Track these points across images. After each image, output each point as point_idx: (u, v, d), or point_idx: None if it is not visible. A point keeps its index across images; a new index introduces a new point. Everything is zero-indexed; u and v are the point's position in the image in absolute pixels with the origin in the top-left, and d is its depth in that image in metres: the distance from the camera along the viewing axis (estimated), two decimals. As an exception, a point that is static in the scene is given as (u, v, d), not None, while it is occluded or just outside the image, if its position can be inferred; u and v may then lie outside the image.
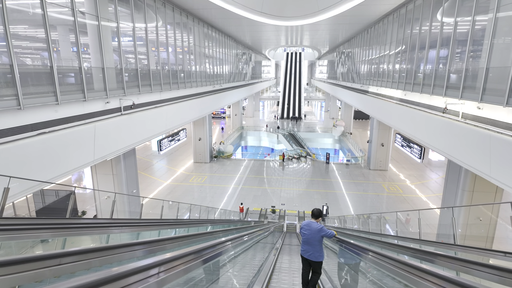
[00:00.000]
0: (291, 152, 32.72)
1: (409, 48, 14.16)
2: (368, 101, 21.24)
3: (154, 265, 1.80)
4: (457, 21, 9.94)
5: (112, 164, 12.29)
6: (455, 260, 3.14)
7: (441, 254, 3.44)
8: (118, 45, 10.26)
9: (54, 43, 7.41)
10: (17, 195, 6.67)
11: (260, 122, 52.10)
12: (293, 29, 24.07)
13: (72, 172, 8.18)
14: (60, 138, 7.51)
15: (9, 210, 15.85)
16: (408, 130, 14.14)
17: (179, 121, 15.39)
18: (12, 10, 6.39)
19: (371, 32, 21.28)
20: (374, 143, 25.68)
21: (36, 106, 6.89)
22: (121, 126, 10.30)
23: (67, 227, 3.81)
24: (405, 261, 2.80)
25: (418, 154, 16.95)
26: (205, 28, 20.13)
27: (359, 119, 53.05)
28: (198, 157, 27.85)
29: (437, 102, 11.16)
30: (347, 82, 30.18)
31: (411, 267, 2.59)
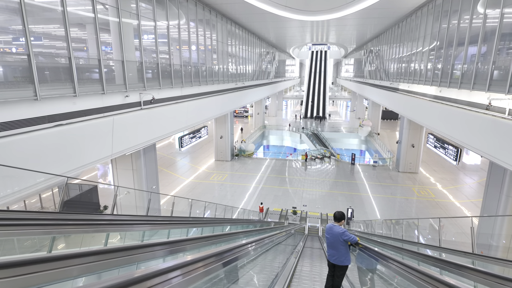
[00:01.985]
0: (314, 152, 31.83)
1: (446, 41, 13.03)
2: (398, 99, 20.03)
3: (175, 267, 1.83)
4: (504, 10, 8.86)
5: (132, 159, 12.27)
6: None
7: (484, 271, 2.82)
8: (138, 38, 10.13)
9: (73, 35, 7.31)
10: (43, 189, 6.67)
11: (283, 122, 51.40)
12: (319, 24, 23.23)
13: (88, 166, 8.10)
14: (77, 131, 7.42)
15: (37, 203, 16.43)
16: (443, 130, 13.01)
17: (200, 117, 15.19)
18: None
19: (403, 26, 20.03)
20: (404, 143, 24.28)
21: (53, 98, 6.81)
22: (140, 120, 10.17)
23: (88, 224, 3.57)
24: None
25: (454, 156, 15.65)
26: (228, 25, 19.86)
27: (387, 119, 50.93)
28: (219, 155, 27.73)
29: (478, 98, 10.08)
30: (375, 80, 28.81)
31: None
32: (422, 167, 25.66)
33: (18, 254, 3.57)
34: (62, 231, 3.35)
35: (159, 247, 2.95)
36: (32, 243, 4.34)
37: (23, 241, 3.98)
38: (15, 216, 3.12)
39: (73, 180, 13.05)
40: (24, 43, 6.10)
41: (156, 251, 2.88)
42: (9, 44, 6.70)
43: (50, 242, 3.39)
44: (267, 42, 33.33)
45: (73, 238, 4.30)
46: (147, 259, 2.69)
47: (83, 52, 8.42)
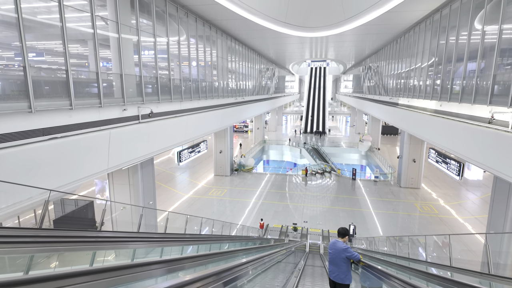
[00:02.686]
0: (315, 167, 31.55)
1: (445, 56, 13.08)
2: (398, 113, 19.99)
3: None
4: (503, 26, 8.89)
5: (129, 174, 12.04)
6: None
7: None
8: (138, 54, 10.14)
9: (71, 48, 7.27)
10: (37, 204, 6.44)
11: (283, 136, 51.37)
12: (318, 40, 23.54)
13: (84, 180, 7.88)
14: (72, 144, 7.25)
15: (32, 220, 16.04)
16: (445, 144, 12.85)
17: (199, 131, 15.07)
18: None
19: (401, 42, 20.26)
20: (405, 158, 24.08)
21: (48, 110, 6.68)
22: (138, 134, 10.02)
23: (83, 241, 3.34)
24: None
25: (456, 171, 15.40)
26: (228, 41, 20.09)
27: (387, 134, 50.90)
28: (218, 170, 27.46)
29: (480, 112, 9.98)
30: (374, 95, 28.93)
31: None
32: (423, 183, 25.33)
33: (8, 273, 3.33)
34: (53, 249, 3.13)
35: (151, 266, 2.78)
36: (24, 261, 4.10)
37: (14, 259, 3.75)
38: (5, 233, 2.92)
39: (69, 195, 12.81)
40: (20, 55, 6.03)
41: (148, 271, 2.71)
42: (5, 54, 6.64)
43: (42, 259, 3.16)
44: (266, 58, 33.73)
45: (63, 256, 4.07)
46: (139, 279, 2.54)
47: (81, 65, 8.37)
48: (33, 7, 6.67)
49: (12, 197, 5.93)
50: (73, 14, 7.60)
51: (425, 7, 13.37)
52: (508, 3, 8.69)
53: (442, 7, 13.04)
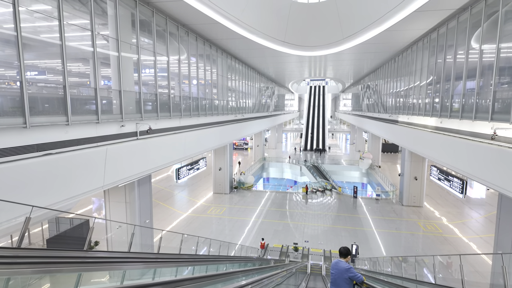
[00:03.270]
0: (315, 185, 31.19)
1: (443, 74, 13.16)
2: (398, 131, 19.94)
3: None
4: (500, 45, 8.96)
5: (125, 192, 11.81)
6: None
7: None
8: (138, 72, 10.17)
9: (69, 63, 7.27)
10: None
11: (283, 154, 51.20)
12: (317, 59, 23.87)
13: (78, 198, 7.65)
14: (67, 160, 7.09)
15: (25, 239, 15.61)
16: (447, 161, 12.68)
17: (198, 148, 14.94)
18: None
19: (399, 60, 20.53)
20: (406, 176, 23.81)
21: (44, 126, 6.57)
22: (136, 150, 9.88)
23: (75, 262, 3.11)
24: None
25: (459, 189, 15.14)
26: (228, 59, 20.36)
27: (387, 152, 50.75)
28: (217, 187, 27.11)
29: (481, 129, 9.88)
30: (374, 113, 29.04)
31: None
32: (426, 201, 24.92)
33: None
34: (33, 270, 2.90)
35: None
36: (15, 283, 3.85)
37: (4, 281, 3.50)
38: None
39: (65, 214, 12.50)
40: (17, 71, 5.99)
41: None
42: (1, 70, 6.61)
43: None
44: (266, 77, 34.16)
45: (45, 278, 3.81)
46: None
47: (79, 81, 8.34)
48: (32, 21, 6.71)
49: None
50: (73, 31, 7.65)
51: (422, 26, 13.58)
52: (505, 21, 8.79)
53: (439, 26, 13.25)
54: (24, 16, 6.14)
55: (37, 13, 6.68)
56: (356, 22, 15.39)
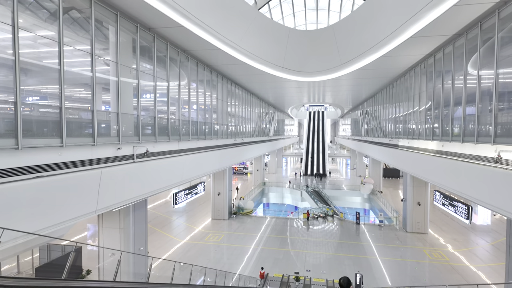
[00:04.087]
0: (317, 211, 30.51)
1: (442, 97, 13.22)
2: (399, 155, 19.76)
3: None
4: (498, 70, 9.03)
5: (120, 217, 11.41)
6: None
7: None
8: (137, 93, 10.18)
9: (67, 83, 7.24)
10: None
11: (283, 179, 50.67)
12: (315, 85, 24.19)
13: (69, 223, 7.33)
14: (59, 183, 6.85)
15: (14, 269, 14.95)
16: (450, 185, 12.38)
17: (196, 172, 14.68)
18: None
19: (397, 85, 20.80)
20: (409, 201, 23.30)
21: (36, 148, 6.41)
22: (132, 174, 9.65)
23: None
24: None
25: (465, 214, 14.70)
26: (228, 84, 20.62)
27: (388, 177, 50.28)
28: (216, 213, 26.47)
29: (485, 152, 9.71)
30: (374, 138, 29.02)
31: None
32: (430, 227, 24.21)
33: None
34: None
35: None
36: None
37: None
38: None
39: (52, 241, 12.02)
40: (12, 91, 5.93)
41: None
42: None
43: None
44: (266, 102, 34.53)
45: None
46: None
47: (75, 102, 8.27)
48: (30, 42, 6.75)
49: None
50: (72, 53, 7.70)
51: (419, 52, 13.83)
52: (502, 46, 8.90)
53: (435, 51, 13.49)
54: (23, 36, 6.18)
55: (37, 36, 6.75)
56: (353, 48, 15.71)
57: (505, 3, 8.42)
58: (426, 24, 10.22)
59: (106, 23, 8.93)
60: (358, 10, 15.15)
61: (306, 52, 18.02)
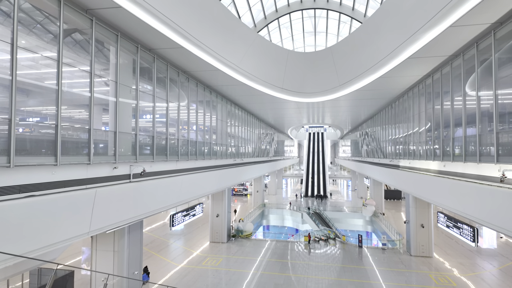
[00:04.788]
0: (318, 233, 29.75)
1: (442, 118, 13.20)
2: (400, 175, 19.51)
3: None
4: (497, 91, 9.05)
5: (114, 239, 11.03)
6: None
7: None
8: (135, 110, 10.15)
9: (64, 101, 7.19)
10: None
11: (283, 200, 49.92)
12: (314, 106, 24.37)
13: (59, 245, 7.02)
14: (51, 203, 6.63)
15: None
16: (454, 206, 12.07)
17: (195, 192, 14.39)
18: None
19: (396, 106, 20.92)
20: (412, 224, 22.74)
21: (29, 166, 6.25)
22: (128, 194, 9.41)
23: None
24: None
25: (471, 237, 14.25)
26: (228, 105, 20.75)
27: (390, 199, 49.56)
28: (214, 236, 25.76)
29: (488, 171, 9.52)
30: (374, 158, 28.84)
31: None
32: (435, 251, 23.46)
33: None
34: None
35: None
36: None
37: None
38: None
39: (43, 264, 11.54)
40: (6, 109, 5.86)
41: None
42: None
43: None
44: (266, 123, 34.68)
45: None
46: None
47: (70, 120, 8.16)
48: (28, 60, 6.77)
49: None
50: (69, 70, 7.72)
51: (416, 73, 13.98)
52: (499, 66, 8.95)
53: (433, 72, 13.63)
54: (22, 57, 6.20)
55: (37, 56, 6.78)
56: (351, 70, 15.92)
57: (501, 24, 8.56)
58: (422, 45, 10.38)
59: (106, 43, 9.04)
60: (355, 32, 15.50)
61: (304, 74, 18.27)
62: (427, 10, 8.91)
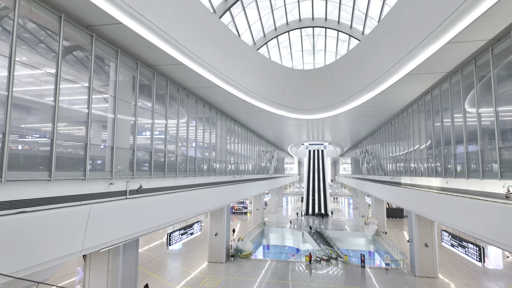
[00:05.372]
0: (319, 253, 29.00)
1: (442, 134, 13.12)
2: (402, 193, 19.20)
3: None
4: (497, 108, 9.02)
5: (109, 258, 10.65)
6: None
7: None
8: (133, 125, 10.07)
9: (60, 116, 7.11)
10: None
11: (284, 219, 49.08)
12: (314, 122, 24.38)
13: (50, 264, 6.72)
14: (43, 220, 6.41)
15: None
16: (458, 224, 11.73)
17: (193, 210, 14.08)
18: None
19: (395, 123, 20.91)
20: (416, 243, 22.17)
21: (21, 181, 6.08)
22: (123, 211, 9.16)
23: None
24: None
25: (477, 256, 13.80)
26: (228, 122, 20.75)
27: (392, 217, 48.75)
28: (213, 255, 25.06)
29: (492, 187, 9.32)
30: (375, 176, 28.56)
31: None
32: (439, 271, 22.74)
33: None
34: None
35: None
36: None
37: None
38: None
39: (34, 285, 11.10)
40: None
41: None
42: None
43: None
44: (266, 140, 34.63)
45: None
46: None
47: (66, 134, 8.06)
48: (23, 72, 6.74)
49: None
50: (67, 84, 7.69)
51: (415, 89, 14.02)
52: (499, 82, 8.95)
53: (432, 88, 13.68)
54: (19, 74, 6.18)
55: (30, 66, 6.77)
56: (350, 87, 15.99)
57: (498, 40, 8.63)
58: (421, 61, 10.44)
59: (107, 59, 9.09)
60: (353, 49, 15.70)
61: (304, 91, 18.37)
62: (425, 27, 9.02)
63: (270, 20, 23.97)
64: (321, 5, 23.46)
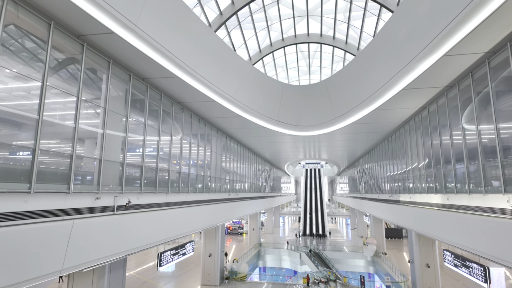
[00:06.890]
0: (317, 275, 27.95)
1: (441, 150, 12.91)
2: (401, 211, 18.73)
3: None
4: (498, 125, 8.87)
5: (93, 279, 9.97)
6: None
7: None
8: (124, 137, 9.73)
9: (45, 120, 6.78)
10: None
11: (280, 239, 47.83)
12: (310, 139, 24.17)
13: (25, 285, 6.16)
14: (19, 235, 5.92)
15: None
16: (461, 242, 11.25)
17: (185, 228, 13.48)
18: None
19: (392, 140, 20.77)
20: (417, 263, 21.41)
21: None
22: (110, 228, 8.63)
23: None
24: None
25: (482, 277, 13.20)
26: (223, 138, 20.48)
27: (391, 238, 47.78)
28: (206, 277, 23.97)
29: (496, 203, 8.98)
30: (373, 194, 28.10)
31: None
32: (443, 294, 21.89)
33: None
34: None
35: None
36: None
37: None
38: None
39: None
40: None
41: None
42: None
43: None
44: (262, 158, 34.28)
45: None
46: None
47: (50, 144, 7.65)
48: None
49: None
50: (53, 90, 7.42)
51: (412, 104, 13.93)
52: (497, 97, 8.82)
53: (428, 104, 13.60)
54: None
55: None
56: (346, 102, 15.91)
57: (494, 53, 8.59)
58: (417, 75, 10.35)
59: (98, 70, 8.89)
60: (349, 65, 15.76)
61: (300, 106, 18.30)
62: (420, 40, 8.98)
63: (266, 35, 24.32)
64: (316, 24, 23.89)
